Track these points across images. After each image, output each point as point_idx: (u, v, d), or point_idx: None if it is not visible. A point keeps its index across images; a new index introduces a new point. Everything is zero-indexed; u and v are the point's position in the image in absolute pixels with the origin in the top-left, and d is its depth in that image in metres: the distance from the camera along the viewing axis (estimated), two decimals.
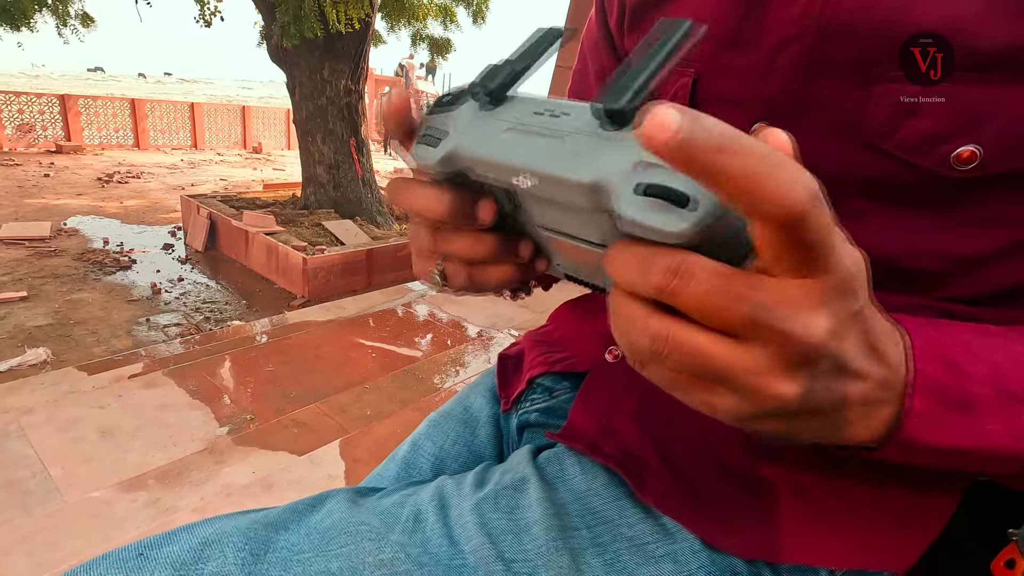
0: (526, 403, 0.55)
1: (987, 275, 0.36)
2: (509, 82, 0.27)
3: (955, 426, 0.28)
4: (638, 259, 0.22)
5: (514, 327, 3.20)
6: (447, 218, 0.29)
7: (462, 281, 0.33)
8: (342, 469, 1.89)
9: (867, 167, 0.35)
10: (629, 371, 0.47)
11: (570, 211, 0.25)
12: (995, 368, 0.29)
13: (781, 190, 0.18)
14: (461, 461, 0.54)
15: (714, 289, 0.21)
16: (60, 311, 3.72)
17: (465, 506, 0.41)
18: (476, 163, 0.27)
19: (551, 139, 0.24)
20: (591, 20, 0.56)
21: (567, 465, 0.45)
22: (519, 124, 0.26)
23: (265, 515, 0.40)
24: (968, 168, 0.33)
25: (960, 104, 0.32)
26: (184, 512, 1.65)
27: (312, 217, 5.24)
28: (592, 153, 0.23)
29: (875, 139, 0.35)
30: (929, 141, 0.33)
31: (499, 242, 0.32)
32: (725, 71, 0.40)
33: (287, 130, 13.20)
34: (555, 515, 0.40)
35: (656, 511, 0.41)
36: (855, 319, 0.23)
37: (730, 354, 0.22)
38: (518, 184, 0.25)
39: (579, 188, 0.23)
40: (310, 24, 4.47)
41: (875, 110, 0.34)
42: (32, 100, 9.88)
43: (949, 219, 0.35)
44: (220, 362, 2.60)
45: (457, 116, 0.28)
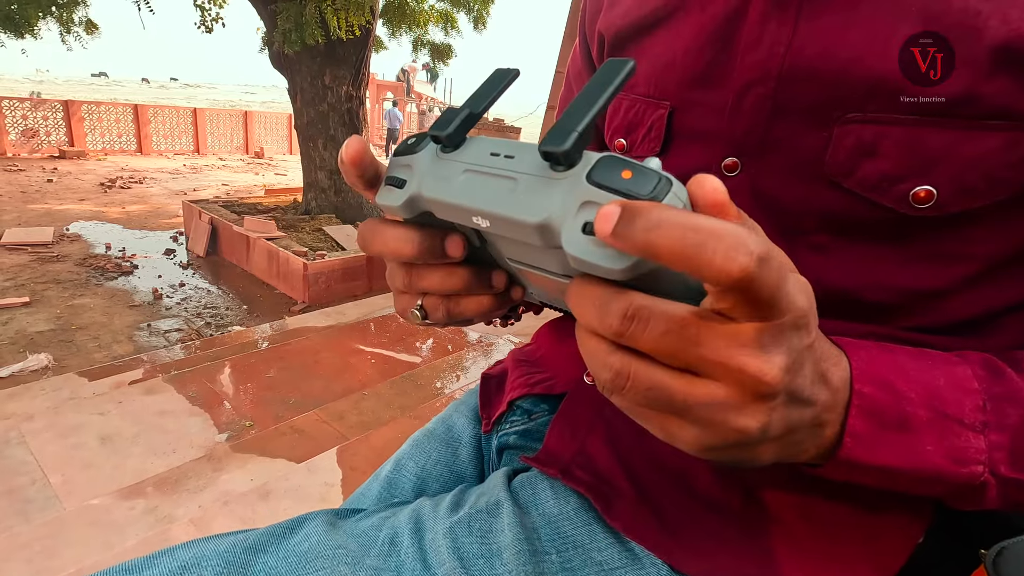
0: (506, 425, 0.56)
1: (945, 307, 0.37)
2: (466, 125, 0.28)
3: (892, 445, 0.29)
4: (594, 302, 0.23)
5: (513, 334, 3.21)
6: (418, 258, 0.30)
7: (441, 315, 0.34)
8: (339, 477, 1.90)
9: (829, 204, 0.37)
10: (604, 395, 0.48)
11: (530, 246, 0.26)
12: (932, 390, 0.30)
13: (719, 260, 0.19)
14: (443, 481, 0.55)
15: (669, 333, 0.21)
16: (62, 316, 3.74)
17: (440, 529, 0.42)
18: (436, 206, 0.28)
19: (505, 180, 0.25)
20: (575, 50, 0.58)
21: (540, 489, 0.46)
22: (475, 166, 0.27)
23: (244, 538, 0.41)
24: (925, 207, 0.34)
25: (916, 147, 0.33)
26: (181, 521, 1.66)
27: (313, 222, 5.26)
28: (541, 194, 0.24)
29: (835, 177, 0.36)
30: (888, 180, 0.34)
31: (472, 275, 0.33)
32: (697, 106, 0.42)
33: (289, 135, 13.26)
34: (526, 540, 0.41)
35: (624, 536, 0.42)
36: (808, 351, 0.24)
37: (689, 389, 0.22)
38: (477, 224, 0.26)
39: (529, 228, 0.24)
40: (311, 31, 4.49)
41: (835, 151, 0.35)
42: (36, 105, 9.94)
43: (907, 254, 0.36)
44: (220, 368, 2.62)
45: (418, 160, 0.29)
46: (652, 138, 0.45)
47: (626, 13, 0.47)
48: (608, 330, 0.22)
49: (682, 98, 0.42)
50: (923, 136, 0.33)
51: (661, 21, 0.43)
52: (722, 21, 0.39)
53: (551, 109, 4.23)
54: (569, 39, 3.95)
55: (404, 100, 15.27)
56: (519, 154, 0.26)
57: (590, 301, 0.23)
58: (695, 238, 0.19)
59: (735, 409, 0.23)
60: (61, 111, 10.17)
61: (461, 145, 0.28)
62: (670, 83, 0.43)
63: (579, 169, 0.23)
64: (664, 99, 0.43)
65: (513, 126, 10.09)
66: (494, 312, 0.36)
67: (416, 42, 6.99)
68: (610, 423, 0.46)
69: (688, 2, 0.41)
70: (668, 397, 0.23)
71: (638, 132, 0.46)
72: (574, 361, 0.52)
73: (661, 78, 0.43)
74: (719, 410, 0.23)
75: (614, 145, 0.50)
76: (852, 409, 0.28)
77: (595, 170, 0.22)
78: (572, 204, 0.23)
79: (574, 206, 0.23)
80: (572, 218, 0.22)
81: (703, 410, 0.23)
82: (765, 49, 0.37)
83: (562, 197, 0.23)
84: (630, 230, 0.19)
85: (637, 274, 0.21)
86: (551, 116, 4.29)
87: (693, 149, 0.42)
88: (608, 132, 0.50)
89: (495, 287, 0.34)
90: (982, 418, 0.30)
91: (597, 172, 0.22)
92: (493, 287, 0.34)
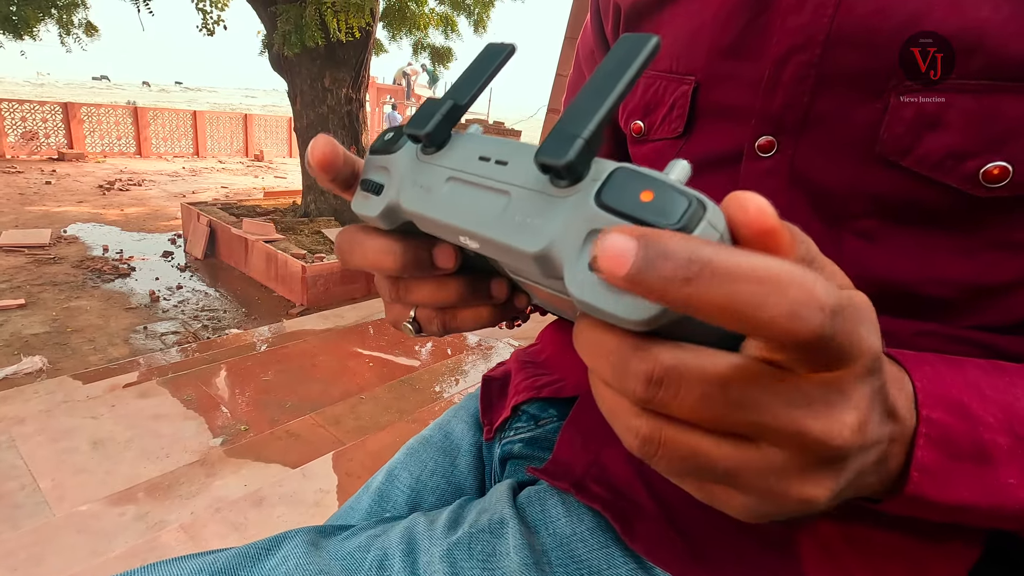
0: (510, 432, 0.51)
1: (1009, 304, 0.32)
2: (448, 120, 0.23)
3: (967, 480, 0.25)
4: (608, 358, 0.18)
5: (513, 337, 3.17)
6: (403, 271, 0.26)
7: (436, 328, 0.30)
8: (334, 483, 1.86)
9: (881, 185, 0.32)
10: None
11: None
12: (1013, 412, 0.25)
13: (783, 320, 0.15)
14: (439, 494, 0.50)
15: (708, 398, 0.17)
16: (58, 319, 3.70)
17: (436, 552, 0.38)
18: (418, 220, 0.24)
19: (496, 195, 0.21)
20: (586, 27, 0.53)
21: (550, 506, 0.41)
22: (461, 173, 0.22)
23: (214, 560, 0.37)
24: (998, 187, 0.29)
25: (990, 117, 0.29)
26: (172, 527, 1.62)
27: (312, 225, 5.23)
28: (539, 216, 0.19)
29: (891, 156, 0.32)
30: (955, 156, 0.30)
31: (467, 286, 0.28)
32: (726, 80, 0.38)
33: (289, 138, 13.23)
34: (535, 564, 0.37)
35: (647, 561, 0.37)
36: (878, 395, 0.20)
37: (738, 456, 0.18)
38: (465, 244, 0.22)
39: (526, 257, 0.19)
40: (311, 33, 4.47)
41: (891, 125, 0.31)
42: (35, 108, 9.92)
43: (971, 242, 0.32)
44: (216, 371, 2.58)
45: (396, 162, 0.24)
46: (674, 118, 0.40)
47: None
48: (630, 395, 0.18)
49: (710, 72, 0.38)
50: (999, 105, 0.29)
51: None
52: None
53: (552, 112, 4.21)
54: (570, 41, 3.93)
55: (404, 104, 15.25)
56: (513, 160, 0.21)
57: (604, 358, 0.18)
58: (748, 292, 0.14)
59: (797, 477, 0.19)
60: (60, 113, 10.14)
61: (445, 144, 0.23)
62: (696, 55, 0.39)
63: (587, 184, 0.18)
64: (689, 74, 0.39)
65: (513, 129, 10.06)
66: (493, 322, 0.32)
67: (416, 45, 6.99)
68: None
69: None
70: (709, 464, 0.19)
71: (658, 113, 0.42)
72: (583, 363, 0.49)
73: (686, 51, 0.39)
74: (778, 479, 0.19)
75: (630, 128, 0.45)
76: (919, 439, 0.24)
77: (606, 188, 0.18)
78: (577, 232, 0.18)
79: (580, 235, 0.18)
80: (577, 251, 0.18)
81: (757, 479, 0.19)
82: (810, 10, 0.32)
83: (565, 221, 0.18)
84: (654, 277, 0.14)
85: (660, 325, 0.17)
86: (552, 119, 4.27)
87: (721, 128, 0.38)
88: (623, 114, 0.46)
89: (495, 298, 0.29)
90: None
91: (609, 191, 0.17)
92: (493, 298, 0.29)
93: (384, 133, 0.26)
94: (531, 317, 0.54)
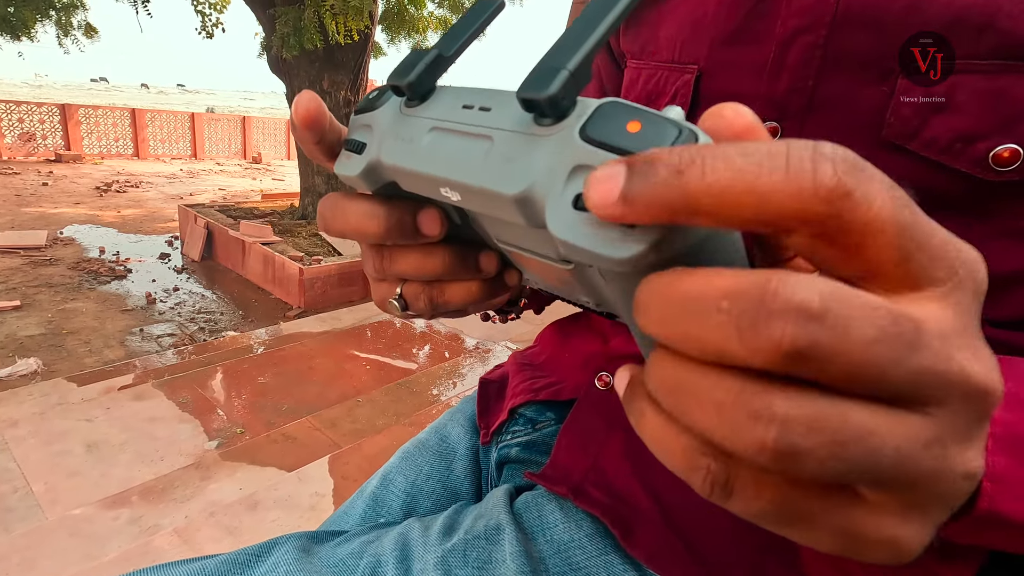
0: (507, 435, 0.50)
1: (1019, 295, 0.31)
2: (432, 70, 0.22)
3: None
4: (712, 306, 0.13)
5: (511, 339, 3.16)
6: (386, 237, 0.25)
7: (423, 304, 0.29)
8: (330, 487, 1.85)
9: (889, 171, 0.31)
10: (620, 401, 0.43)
11: (515, 224, 0.20)
12: None
13: (790, 186, 0.12)
14: (435, 499, 0.50)
15: (881, 342, 0.13)
16: (53, 321, 3.68)
17: (430, 559, 0.37)
18: (398, 174, 0.22)
19: (478, 140, 0.20)
20: None
21: (547, 511, 0.40)
22: (444, 122, 0.21)
23: (203, 566, 0.36)
24: (1008, 170, 0.29)
25: (999, 97, 0.28)
26: (166, 531, 1.60)
27: (310, 227, 5.22)
28: (521, 156, 0.18)
29: (898, 139, 0.31)
30: (963, 139, 0.29)
31: (455, 256, 0.27)
32: (730, 67, 0.37)
33: (287, 140, 13.22)
34: (532, 572, 0.36)
35: (647, 568, 0.37)
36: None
37: (910, 426, 0.14)
38: (447, 197, 0.21)
39: (506, 202, 0.18)
40: (310, 35, 4.48)
41: (898, 107, 0.31)
42: (33, 109, 9.90)
43: (983, 230, 0.31)
44: (212, 374, 2.56)
45: (378, 118, 0.23)
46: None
47: None
48: (762, 352, 0.13)
49: (713, 59, 0.37)
50: (1009, 85, 0.28)
51: None
52: None
53: None
54: None
55: None
56: (497, 105, 0.20)
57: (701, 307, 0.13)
58: (742, 167, 0.13)
59: (960, 444, 0.15)
60: (58, 115, 10.12)
61: (429, 97, 0.22)
62: (699, 44, 0.38)
63: (571, 121, 0.17)
64: (691, 63, 0.39)
65: None
66: (487, 300, 0.30)
67: (415, 48, 7.00)
68: (628, 433, 0.41)
69: None
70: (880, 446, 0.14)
71: (660, 103, 0.41)
72: (581, 365, 0.48)
73: (689, 39, 0.39)
74: (944, 450, 0.14)
75: None
76: (990, 442, 0.20)
77: (592, 122, 0.17)
78: (561, 169, 0.17)
79: (564, 172, 0.17)
80: (560, 188, 0.17)
81: (929, 458, 0.14)
82: None
83: (548, 159, 0.17)
84: (649, 185, 0.13)
85: (658, 259, 0.15)
86: None
87: None
88: None
89: (484, 271, 0.28)
90: None
91: (594, 125, 0.17)
92: (482, 271, 0.28)
93: (370, 93, 0.25)
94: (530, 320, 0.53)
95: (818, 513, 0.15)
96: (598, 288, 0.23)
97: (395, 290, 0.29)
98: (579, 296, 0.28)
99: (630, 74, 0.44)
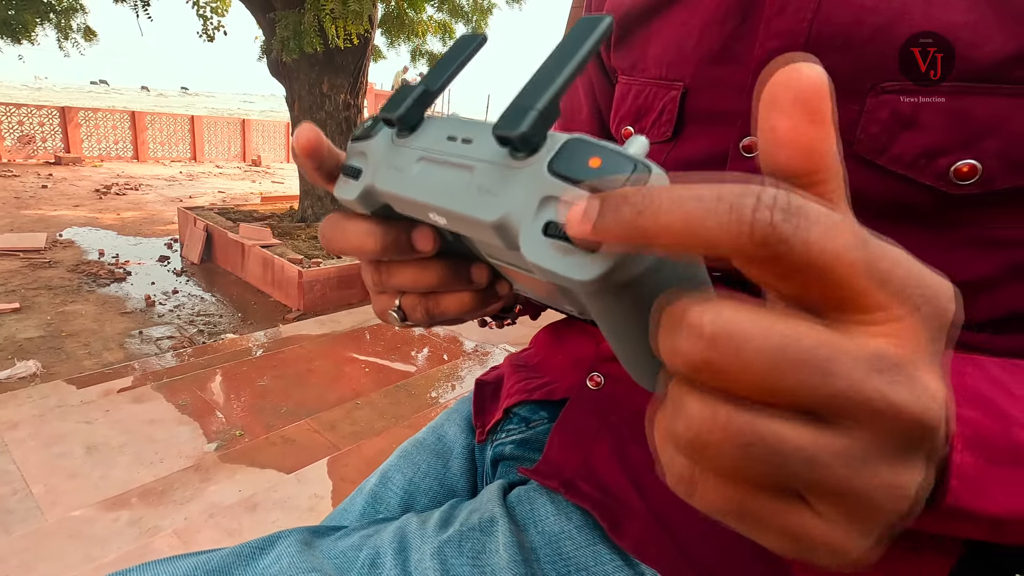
0: (501, 434, 0.52)
1: (985, 300, 0.33)
2: (420, 104, 0.25)
3: (1008, 485, 0.22)
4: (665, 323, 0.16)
5: (508, 342, 3.17)
6: (383, 254, 0.27)
7: (420, 315, 0.31)
8: (329, 489, 1.86)
9: (861, 184, 0.33)
10: (610, 401, 0.45)
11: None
12: None
13: (730, 231, 0.14)
14: (432, 495, 0.51)
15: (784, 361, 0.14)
16: (52, 323, 3.69)
17: (427, 549, 0.39)
18: (392, 200, 0.25)
19: (460, 170, 0.22)
20: None
21: (539, 505, 0.42)
22: (431, 153, 0.23)
23: (208, 559, 0.37)
24: (968, 184, 0.31)
25: (960, 116, 0.30)
26: (166, 532, 1.61)
27: (309, 230, 5.23)
28: (497, 187, 0.20)
29: (868, 155, 0.33)
30: (927, 155, 0.31)
31: (448, 270, 0.29)
32: (714, 85, 0.39)
33: (287, 143, 13.25)
34: (523, 561, 0.38)
35: (634, 558, 0.38)
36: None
37: (817, 440, 0.15)
38: (435, 221, 0.23)
39: (486, 227, 0.20)
40: (310, 39, 4.49)
41: (868, 124, 0.32)
42: (32, 112, 9.91)
43: (946, 239, 0.33)
44: (212, 376, 2.57)
45: (373, 147, 0.26)
46: (663, 123, 0.42)
47: None
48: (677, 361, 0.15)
49: (698, 77, 0.39)
50: (969, 106, 0.30)
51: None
52: None
53: None
54: None
55: None
56: (478, 137, 0.22)
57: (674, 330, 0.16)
58: (692, 207, 0.15)
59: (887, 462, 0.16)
60: (58, 117, 10.14)
61: (417, 128, 0.25)
62: (685, 62, 0.40)
63: (542, 155, 0.20)
64: (677, 80, 0.40)
65: None
66: (481, 309, 0.32)
67: (414, 52, 7.02)
68: (618, 432, 0.43)
69: None
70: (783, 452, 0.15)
71: (648, 118, 0.43)
72: (574, 366, 0.49)
73: (675, 58, 0.41)
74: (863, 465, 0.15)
75: (621, 133, 0.47)
76: (956, 441, 0.21)
77: (558, 158, 0.19)
78: (532, 199, 0.19)
79: (534, 202, 0.19)
80: (532, 216, 0.19)
81: (841, 468, 0.15)
82: (791, 15, 0.34)
83: (521, 190, 0.20)
84: (615, 220, 0.15)
85: (617, 281, 0.17)
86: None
87: (708, 132, 0.40)
88: (615, 121, 0.47)
89: (476, 282, 0.30)
90: None
91: (560, 160, 0.19)
92: (474, 282, 0.30)
93: (364, 122, 0.27)
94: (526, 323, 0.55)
95: (768, 515, 0.17)
96: (578, 299, 0.25)
97: (394, 302, 0.31)
98: (564, 305, 0.31)
99: (621, 89, 0.46)
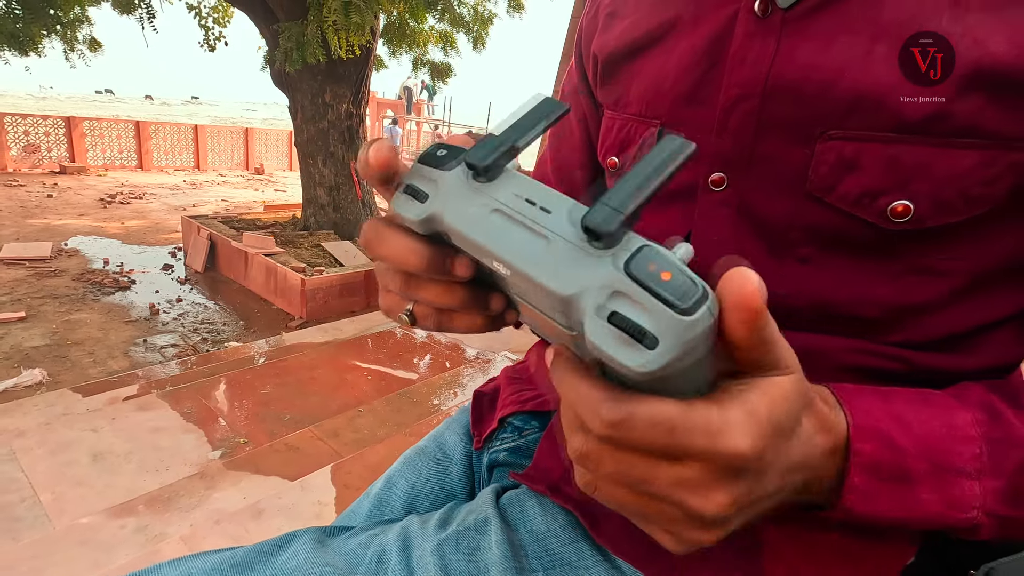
0: (497, 442, 0.56)
1: (930, 322, 0.37)
2: (506, 158, 0.27)
3: (891, 496, 0.30)
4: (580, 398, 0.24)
5: (510, 350, 3.20)
6: (422, 272, 0.29)
7: (431, 324, 0.33)
8: (332, 495, 1.88)
9: (813, 218, 0.37)
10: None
11: (540, 295, 0.25)
12: (930, 442, 0.31)
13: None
14: (433, 498, 0.55)
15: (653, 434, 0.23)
16: (58, 332, 3.73)
17: (427, 547, 0.42)
18: (456, 236, 0.26)
19: (536, 236, 0.24)
20: (571, 68, 0.59)
21: (528, 506, 0.46)
22: (506, 208, 0.25)
23: (232, 555, 0.41)
24: (903, 221, 0.34)
25: (893, 162, 0.34)
26: (172, 539, 1.64)
27: (312, 238, 5.27)
28: (573, 267, 0.23)
29: (817, 193, 0.36)
30: (868, 195, 0.35)
31: (470, 294, 0.32)
32: (686, 124, 0.42)
33: (289, 152, 13.33)
34: (513, 557, 0.41)
35: (612, 554, 0.42)
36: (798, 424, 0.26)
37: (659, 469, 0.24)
38: (495, 268, 0.25)
39: (554, 297, 0.23)
40: (312, 50, 4.55)
41: (818, 165, 0.36)
42: (38, 122, 10.01)
43: (892, 268, 0.37)
44: (216, 384, 2.60)
45: (446, 180, 0.27)
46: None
47: (620, 35, 0.48)
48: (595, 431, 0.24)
49: (672, 116, 0.43)
50: (900, 153, 0.34)
51: (655, 42, 0.44)
52: (711, 40, 0.40)
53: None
54: (567, 59, 4.01)
55: (404, 118, 15.40)
56: (556, 210, 0.24)
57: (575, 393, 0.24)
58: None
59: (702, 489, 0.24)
60: (63, 127, 10.24)
61: (496, 178, 0.26)
62: (661, 102, 0.43)
63: (618, 251, 0.22)
64: (655, 117, 0.44)
65: None
66: (483, 330, 0.35)
67: (416, 61, 7.09)
68: None
69: (680, 23, 0.42)
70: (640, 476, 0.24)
71: (630, 150, 0.47)
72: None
73: (653, 97, 0.44)
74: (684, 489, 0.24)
75: (607, 163, 0.50)
76: (852, 468, 0.30)
77: (634, 260, 0.22)
78: (604, 288, 0.22)
79: (606, 291, 0.22)
80: (602, 302, 0.21)
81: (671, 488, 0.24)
82: (750, 66, 0.38)
83: (595, 277, 0.22)
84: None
85: (650, 371, 0.21)
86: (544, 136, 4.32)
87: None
88: (602, 150, 0.51)
89: (492, 310, 0.33)
90: (978, 465, 0.31)
91: (636, 264, 0.21)
92: (490, 309, 0.33)
93: (436, 147, 0.28)
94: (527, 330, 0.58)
95: (653, 516, 0.26)
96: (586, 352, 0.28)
97: (405, 306, 0.33)
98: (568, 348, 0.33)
99: (607, 122, 0.50)
